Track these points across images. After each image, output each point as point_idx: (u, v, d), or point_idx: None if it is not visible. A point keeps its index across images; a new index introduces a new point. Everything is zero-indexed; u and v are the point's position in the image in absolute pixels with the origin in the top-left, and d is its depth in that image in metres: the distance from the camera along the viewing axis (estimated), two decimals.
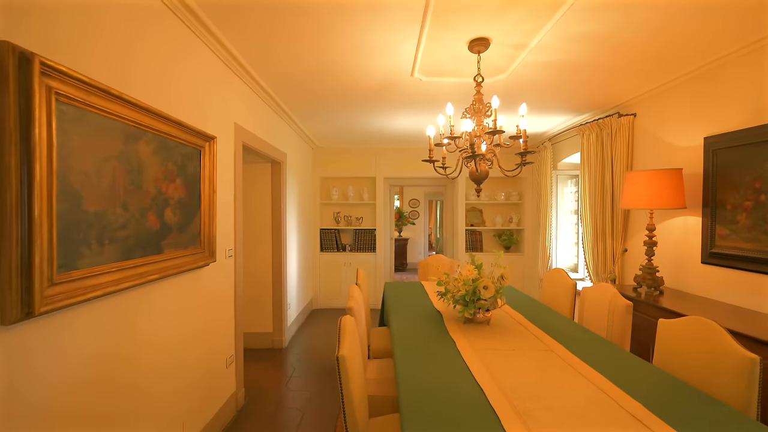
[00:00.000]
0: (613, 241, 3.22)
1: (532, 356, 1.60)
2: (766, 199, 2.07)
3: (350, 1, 1.73)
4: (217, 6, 1.80)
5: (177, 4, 1.73)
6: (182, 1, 1.73)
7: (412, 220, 8.92)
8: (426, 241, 9.19)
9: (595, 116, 3.53)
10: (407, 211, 8.96)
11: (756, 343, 1.66)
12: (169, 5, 1.70)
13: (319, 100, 3.24)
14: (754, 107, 2.13)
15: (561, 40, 2.10)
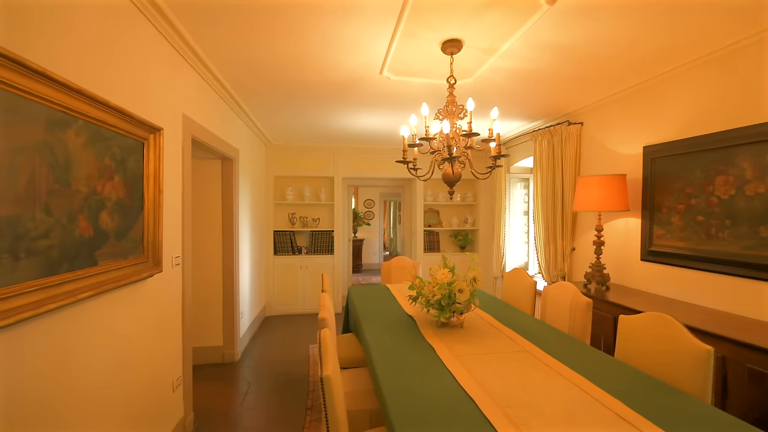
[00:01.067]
0: (563, 241, 3.44)
1: (510, 358, 1.61)
2: (695, 203, 2.33)
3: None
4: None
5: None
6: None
7: (367, 221, 8.85)
8: (381, 242, 9.19)
9: (547, 123, 3.76)
10: (362, 211, 8.87)
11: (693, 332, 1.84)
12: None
13: (280, 95, 3.02)
14: (688, 121, 2.39)
15: (528, 48, 2.16)
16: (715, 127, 2.21)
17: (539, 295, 3.17)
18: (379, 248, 9.09)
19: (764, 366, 1.58)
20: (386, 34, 2.01)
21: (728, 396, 1.71)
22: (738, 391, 1.67)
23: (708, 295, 2.24)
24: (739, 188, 2.08)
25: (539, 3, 1.70)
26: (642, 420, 1.14)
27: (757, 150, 1.99)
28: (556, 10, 1.75)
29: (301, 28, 1.94)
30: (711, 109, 2.24)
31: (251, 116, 3.67)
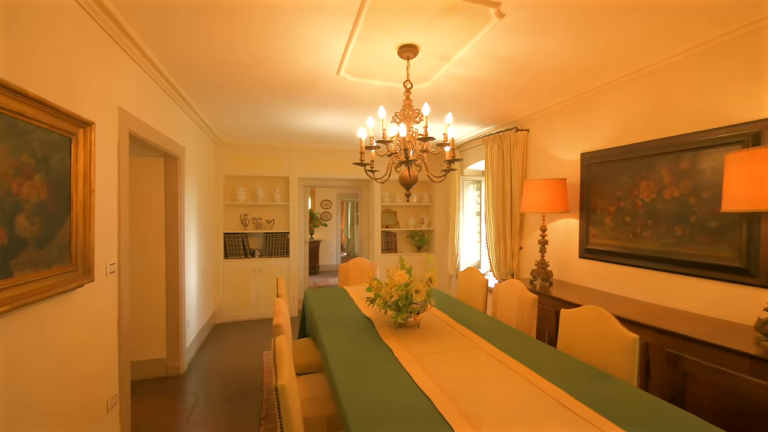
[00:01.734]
0: (512, 240, 3.65)
1: (464, 355, 1.68)
2: (624, 205, 2.59)
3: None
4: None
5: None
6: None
7: (324, 222, 8.72)
8: (339, 243, 9.10)
9: (497, 129, 3.96)
10: (319, 212, 8.72)
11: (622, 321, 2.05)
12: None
13: (232, 91, 2.87)
14: (618, 131, 2.65)
15: (481, 58, 2.26)
16: (640, 138, 2.47)
17: (491, 293, 3.33)
18: (336, 249, 8.99)
19: (678, 349, 1.79)
20: (343, 35, 2.00)
21: (650, 377, 1.93)
22: (658, 372, 1.88)
23: (635, 288, 2.50)
24: (659, 192, 2.34)
25: (490, 16, 1.78)
26: (580, 406, 1.24)
27: (672, 159, 2.26)
28: (505, 23, 1.85)
29: (259, 27, 1.87)
30: (637, 121, 2.50)
31: (199, 112, 3.46)
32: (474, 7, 1.71)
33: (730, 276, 1.97)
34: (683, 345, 1.78)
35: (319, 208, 8.79)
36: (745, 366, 1.54)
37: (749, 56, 1.89)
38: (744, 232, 1.91)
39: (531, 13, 1.76)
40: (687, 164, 2.18)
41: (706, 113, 2.09)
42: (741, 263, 1.92)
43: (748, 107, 1.89)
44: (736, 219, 1.94)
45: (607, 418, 1.17)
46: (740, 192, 1.61)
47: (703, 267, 2.09)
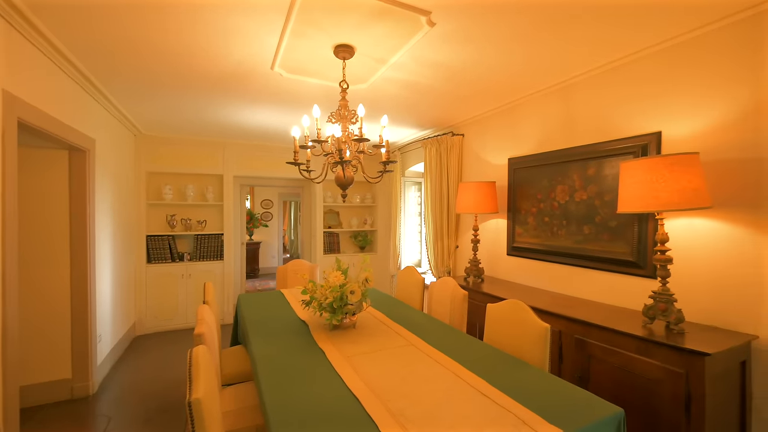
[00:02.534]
0: (449, 240, 3.82)
1: (397, 353, 1.71)
2: (543, 207, 2.84)
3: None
4: None
5: None
6: None
7: (264, 222, 8.34)
8: (280, 244, 8.77)
9: (435, 132, 4.12)
10: (259, 212, 8.33)
11: (541, 313, 2.25)
12: None
13: (155, 80, 2.61)
14: (539, 139, 2.90)
15: (416, 63, 2.33)
16: (557, 146, 2.74)
17: (428, 290, 3.45)
18: (278, 251, 8.66)
19: (584, 335, 2.01)
20: (276, 31, 1.92)
21: (563, 361, 2.14)
22: (569, 356, 2.10)
23: (553, 281, 2.76)
24: (571, 195, 2.62)
25: (421, 23, 1.84)
26: (499, 394, 1.33)
27: (581, 166, 2.54)
28: (437, 32, 1.93)
29: (185, 16, 1.71)
30: (554, 131, 2.77)
31: (114, 101, 3.09)
32: (406, 13, 1.76)
33: (625, 268, 2.26)
34: (588, 331, 2.00)
35: (259, 208, 8.39)
36: (633, 346, 1.78)
37: (639, 79, 2.19)
38: (635, 230, 2.21)
39: (460, 24, 1.86)
40: (593, 171, 2.46)
41: (607, 126, 2.38)
42: (633, 257, 2.22)
43: (639, 122, 2.19)
44: (630, 219, 2.24)
45: (520, 403, 1.27)
46: (631, 196, 1.86)
47: (605, 261, 2.38)
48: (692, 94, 1.95)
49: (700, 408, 1.55)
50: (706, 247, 1.90)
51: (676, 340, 1.66)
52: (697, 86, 1.93)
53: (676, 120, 2.02)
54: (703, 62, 1.90)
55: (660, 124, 2.10)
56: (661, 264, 1.85)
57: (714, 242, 1.87)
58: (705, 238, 1.91)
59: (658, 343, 1.68)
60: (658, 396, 1.69)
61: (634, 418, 1.78)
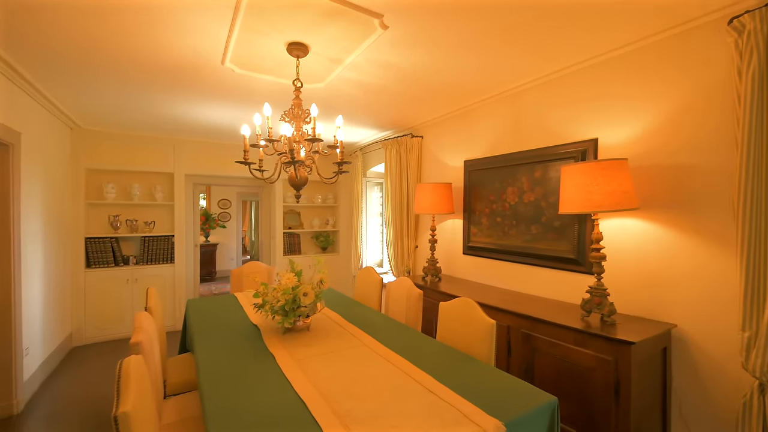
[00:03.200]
0: (408, 240, 3.88)
1: (349, 354, 1.71)
2: (496, 208, 2.97)
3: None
4: None
5: None
6: None
7: (222, 223, 8.00)
8: (239, 246, 8.45)
9: (396, 134, 4.17)
10: (216, 212, 7.97)
11: (492, 309, 2.35)
12: None
13: (93, 68, 2.41)
14: (492, 142, 3.03)
15: (371, 65, 2.34)
16: (508, 149, 2.87)
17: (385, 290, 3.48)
18: (237, 253, 8.34)
19: (530, 329, 2.13)
20: (224, 23, 1.85)
21: (512, 355, 2.25)
22: (517, 350, 2.21)
23: (505, 279, 2.90)
24: (520, 197, 2.76)
25: (374, 26, 1.86)
26: (445, 390, 1.37)
27: (529, 169, 2.68)
28: (390, 35, 1.95)
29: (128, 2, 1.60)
30: (505, 135, 2.90)
31: (44, 91, 2.83)
32: (359, 15, 1.76)
33: (568, 266, 2.42)
34: (533, 325, 2.12)
35: (216, 208, 8.03)
36: (571, 338, 1.91)
37: (581, 88, 2.35)
38: (576, 230, 2.37)
39: (412, 28, 1.89)
40: (540, 173, 2.60)
41: (552, 132, 2.53)
42: (574, 255, 2.38)
43: (580, 129, 2.36)
44: (571, 220, 2.40)
45: (463, 397, 1.32)
46: (570, 198, 1.99)
47: (551, 259, 2.53)
48: (624, 105, 2.12)
49: (627, 392, 1.69)
50: (634, 245, 2.08)
51: (608, 331, 1.80)
52: (628, 97, 2.10)
53: (611, 128, 2.19)
54: (635, 75, 2.08)
55: (597, 131, 2.27)
56: (596, 261, 1.99)
57: (641, 240, 2.06)
58: (634, 237, 2.09)
59: (592, 334, 1.82)
60: (592, 383, 1.82)
61: (572, 405, 1.91)
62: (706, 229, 1.80)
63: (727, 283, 1.73)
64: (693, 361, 1.85)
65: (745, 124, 1.57)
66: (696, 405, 1.84)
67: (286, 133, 1.81)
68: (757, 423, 1.58)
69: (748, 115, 1.56)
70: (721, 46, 1.74)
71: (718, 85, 1.75)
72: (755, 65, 1.55)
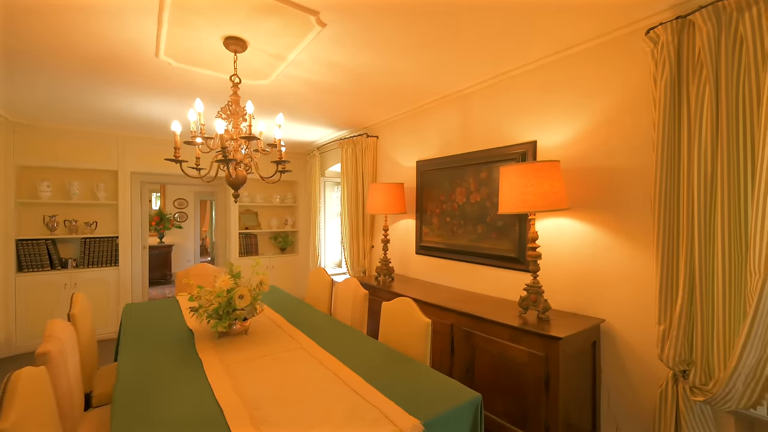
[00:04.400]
0: (364, 240, 3.86)
1: (282, 358, 1.66)
2: (446, 208, 3.02)
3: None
4: None
5: None
6: None
7: (178, 223, 7.62)
8: (197, 247, 8.09)
9: (351, 134, 4.14)
10: (172, 213, 7.59)
11: (437, 309, 2.38)
12: None
13: (16, 56, 2.19)
14: (442, 143, 3.07)
15: (315, 63, 2.30)
16: (456, 150, 2.92)
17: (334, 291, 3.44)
18: (194, 254, 7.98)
19: (471, 327, 2.17)
20: (151, 16, 1.75)
21: (455, 354, 2.28)
22: (460, 348, 2.25)
23: (454, 278, 2.94)
24: (468, 197, 2.81)
25: (312, 23, 1.82)
26: (372, 390, 1.36)
27: (475, 170, 2.74)
28: (330, 33, 1.92)
29: None
30: (454, 136, 2.95)
31: None
32: (294, 11, 1.72)
33: (510, 264, 2.49)
34: (474, 323, 2.16)
35: (172, 207, 7.64)
36: (507, 335, 1.97)
37: (522, 92, 2.43)
38: (517, 229, 2.45)
39: (353, 27, 1.87)
40: (485, 174, 2.67)
41: (496, 134, 2.60)
42: (515, 254, 2.45)
43: (521, 132, 2.43)
44: (512, 219, 2.47)
45: (389, 398, 1.31)
46: (508, 198, 2.05)
47: (495, 258, 2.59)
48: (562, 109, 2.21)
49: (556, 385, 1.76)
50: (568, 245, 2.18)
51: (543, 328, 1.86)
52: (565, 102, 2.19)
53: (549, 130, 2.28)
54: (571, 80, 2.17)
55: (536, 133, 2.35)
56: (532, 260, 2.06)
57: (575, 240, 2.15)
58: (568, 237, 2.18)
59: (524, 330, 1.88)
60: (525, 378, 1.88)
61: (508, 400, 1.96)
62: (633, 228, 1.91)
63: (650, 280, 1.84)
64: (619, 354, 1.96)
65: (659, 127, 1.68)
66: (623, 396, 1.95)
67: (219, 131, 1.73)
68: (671, 411, 1.69)
69: (662, 119, 1.67)
70: (644, 54, 1.85)
71: (646, 89, 1.85)
72: (667, 74, 1.66)
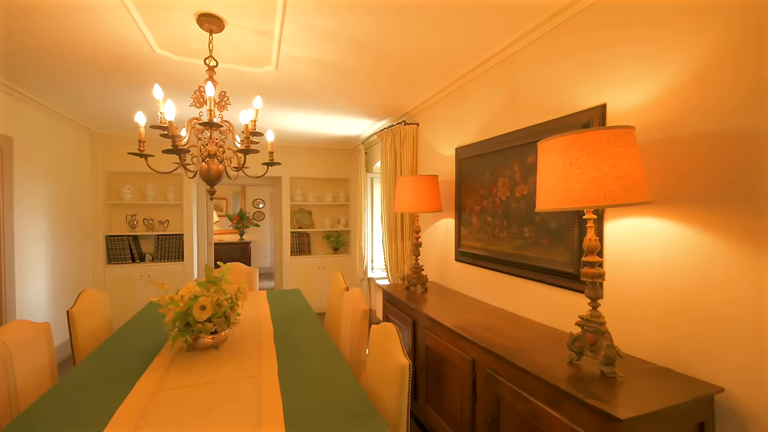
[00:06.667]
0: (403, 242, 3.39)
1: (222, 389, 1.35)
2: (486, 204, 2.37)
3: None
4: None
5: None
6: None
7: (256, 222, 8.22)
8: (272, 244, 8.62)
9: (391, 123, 3.70)
10: (251, 212, 8.22)
11: (453, 334, 1.81)
12: None
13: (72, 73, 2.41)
14: (484, 123, 2.43)
15: (309, 34, 1.95)
16: (498, 131, 2.26)
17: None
18: (270, 250, 8.52)
19: (495, 369, 1.56)
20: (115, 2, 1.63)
21: (477, 399, 1.69)
22: (483, 395, 1.65)
23: (496, 293, 2.29)
24: (512, 190, 2.13)
25: None
26: None
27: (521, 153, 2.05)
28: None
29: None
30: (499, 112, 2.29)
31: (34, 97, 2.95)
32: None
33: (566, 282, 1.77)
34: (498, 364, 1.55)
35: (251, 207, 8.28)
36: (542, 392, 1.32)
37: (587, 38, 1.69)
38: (576, 233, 1.71)
39: None
40: (534, 158, 1.97)
41: (547, 102, 1.89)
42: (573, 268, 1.72)
43: (584, 94, 1.69)
44: (570, 219, 1.75)
45: None
46: (546, 188, 1.38)
47: (545, 272, 1.89)
48: (642, 53, 1.44)
49: None
50: (656, 258, 1.40)
51: (600, 392, 1.18)
52: (647, 42, 1.42)
53: (623, 88, 1.51)
54: (650, 23, 1.39)
55: (605, 95, 1.60)
56: (590, 280, 1.36)
57: (666, 251, 1.37)
58: (656, 246, 1.40)
59: (567, 393, 1.22)
60: None
61: None
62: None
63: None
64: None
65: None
66: None
67: (169, 117, 1.51)
68: None
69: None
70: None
71: None
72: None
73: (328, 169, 5.19)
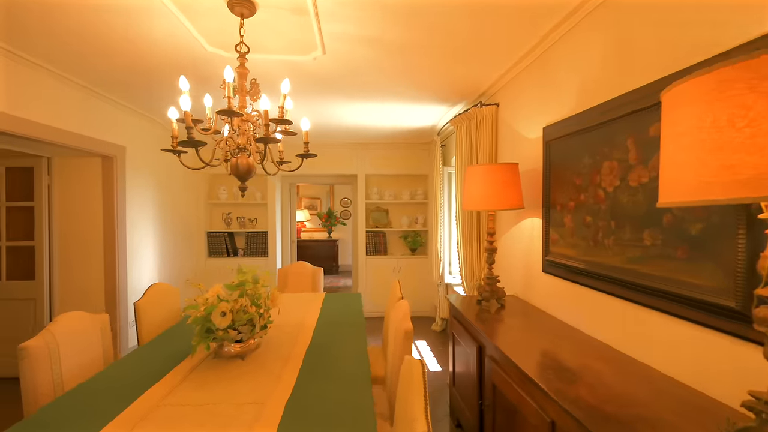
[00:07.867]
0: (479, 245, 2.88)
1: (219, 413, 1.17)
2: (584, 199, 1.74)
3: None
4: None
5: None
6: None
7: (342, 220, 8.47)
8: None
9: (467, 107, 3.20)
10: (338, 210, 8.50)
11: (531, 385, 1.31)
12: None
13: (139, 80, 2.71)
14: (580, 91, 1.80)
15: (349, 8, 1.68)
16: (600, 98, 1.63)
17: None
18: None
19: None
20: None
21: None
22: None
23: (598, 320, 1.66)
24: (623, 177, 1.49)
25: None
26: None
27: (637, 122, 1.41)
28: None
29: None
30: (597, 75, 1.66)
31: (143, 112, 3.41)
32: None
33: (718, 319, 1.11)
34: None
35: (338, 206, 8.57)
36: None
37: None
38: (737, 242, 1.04)
39: None
40: (657, 128, 1.32)
41: (677, 44, 1.23)
42: (734, 299, 1.06)
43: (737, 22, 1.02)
44: (724, 217, 1.08)
45: None
46: (680, 164, 0.82)
47: (680, 300, 1.23)
48: None
49: None
50: None
51: None
52: None
53: None
54: None
55: None
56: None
57: None
58: None
59: None
60: None
61: None
62: None
63: None
64: None
65: None
66: None
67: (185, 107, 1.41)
68: None
69: None
70: None
71: None
72: None
73: (404, 165, 4.91)
